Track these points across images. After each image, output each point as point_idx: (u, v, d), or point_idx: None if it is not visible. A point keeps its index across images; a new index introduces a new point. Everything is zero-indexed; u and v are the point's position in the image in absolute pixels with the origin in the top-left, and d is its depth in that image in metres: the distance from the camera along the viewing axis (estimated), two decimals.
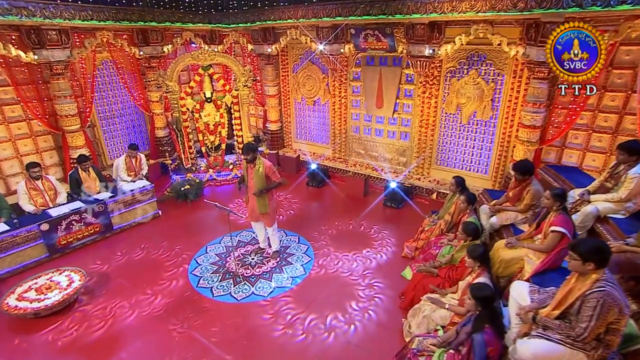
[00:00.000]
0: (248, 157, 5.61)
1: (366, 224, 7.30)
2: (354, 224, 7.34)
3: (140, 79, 9.39)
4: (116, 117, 9.33)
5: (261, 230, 6.35)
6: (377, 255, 6.38)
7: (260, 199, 5.81)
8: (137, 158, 7.88)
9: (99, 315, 5.17)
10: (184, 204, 8.27)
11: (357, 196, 8.42)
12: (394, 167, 8.90)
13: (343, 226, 7.28)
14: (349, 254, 6.41)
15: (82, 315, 5.17)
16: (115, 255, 6.55)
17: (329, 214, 7.77)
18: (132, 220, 7.39)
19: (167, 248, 6.72)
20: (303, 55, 9.60)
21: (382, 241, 6.78)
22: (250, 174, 5.76)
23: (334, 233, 7.07)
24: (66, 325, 5.00)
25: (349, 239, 6.86)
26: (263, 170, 5.65)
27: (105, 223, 7.01)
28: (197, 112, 8.99)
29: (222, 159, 9.33)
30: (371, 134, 9.11)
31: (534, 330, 3.29)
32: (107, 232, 7.05)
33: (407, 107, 8.39)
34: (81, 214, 6.65)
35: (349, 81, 9.03)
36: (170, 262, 6.32)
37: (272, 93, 10.12)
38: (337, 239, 6.86)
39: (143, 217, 7.54)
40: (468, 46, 7.22)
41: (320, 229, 7.21)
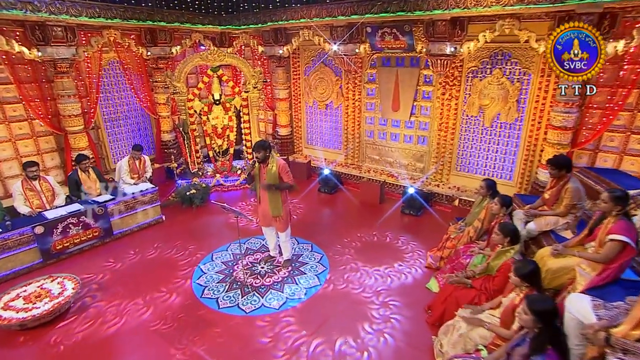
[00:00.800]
0: (259, 156, 5.03)
1: (385, 232, 6.69)
2: (376, 233, 6.72)
3: (147, 81, 8.95)
4: (121, 119, 8.85)
5: (272, 236, 5.77)
6: (397, 265, 5.77)
7: (273, 200, 5.25)
8: (141, 160, 7.35)
9: (86, 328, 4.56)
10: (189, 209, 7.71)
11: (372, 203, 7.84)
12: (410, 173, 8.32)
13: (362, 234, 6.67)
14: (370, 268, 5.80)
15: (66, 330, 4.57)
16: (115, 261, 5.97)
17: (343, 221, 7.18)
18: (133, 225, 6.83)
19: (170, 255, 6.14)
20: (315, 57, 9.14)
21: (407, 251, 6.17)
22: (262, 175, 5.20)
23: (352, 241, 6.47)
24: (53, 339, 4.40)
25: (370, 247, 6.27)
26: (277, 169, 5.09)
27: (105, 227, 6.43)
28: (205, 115, 8.51)
29: (229, 164, 8.81)
30: (386, 139, 8.57)
31: (610, 355, 2.64)
32: (106, 237, 6.48)
33: (425, 109, 7.86)
34: (79, 217, 6.09)
35: (363, 83, 8.53)
36: (174, 270, 5.73)
37: (283, 96, 9.66)
38: (354, 247, 6.26)
39: (145, 221, 6.98)
40: (491, 44, 6.69)
41: (336, 236, 6.62)
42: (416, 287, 5.28)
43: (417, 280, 5.43)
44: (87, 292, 5.23)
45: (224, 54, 8.30)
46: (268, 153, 5.09)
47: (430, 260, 5.77)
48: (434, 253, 5.81)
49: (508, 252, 4.23)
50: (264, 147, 5.04)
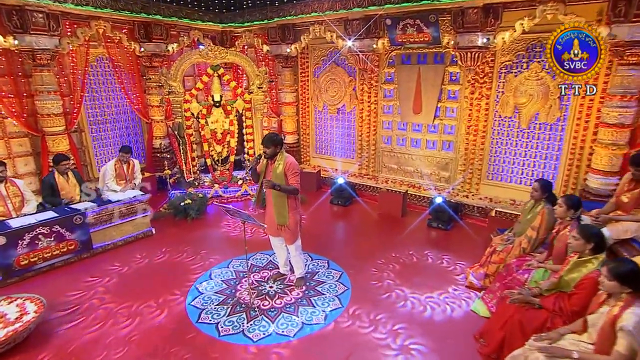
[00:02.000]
0: (268, 151, 4.39)
1: (411, 248, 5.89)
2: (400, 245, 5.94)
3: (139, 80, 8.29)
4: (108, 123, 8.12)
5: (282, 249, 4.98)
6: (432, 282, 4.95)
7: (278, 205, 4.53)
8: (129, 164, 6.58)
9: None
10: (183, 222, 6.87)
11: (393, 216, 7.08)
12: (434, 184, 7.59)
13: (386, 247, 5.88)
14: (403, 286, 4.98)
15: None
16: (94, 281, 5.10)
17: (362, 236, 6.40)
18: (118, 238, 6.00)
19: (160, 272, 5.28)
20: (326, 56, 8.56)
21: (439, 265, 5.36)
22: (268, 174, 4.51)
23: (375, 257, 5.67)
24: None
25: (400, 264, 5.47)
26: (283, 169, 4.42)
27: (83, 240, 5.58)
28: (203, 118, 7.81)
29: (229, 174, 8.07)
30: (406, 145, 7.89)
31: None
32: (84, 251, 5.62)
33: (450, 111, 7.22)
34: (52, 227, 5.23)
35: (380, 84, 7.91)
36: (165, 290, 4.86)
37: (290, 100, 9.03)
38: (381, 264, 5.46)
39: (132, 234, 6.15)
40: (528, 35, 6.08)
41: (356, 252, 5.81)
42: (457, 311, 4.45)
43: (458, 303, 4.60)
44: (57, 317, 4.34)
45: (226, 51, 7.68)
46: (278, 149, 4.45)
47: (471, 279, 4.94)
48: (475, 270, 4.99)
49: (589, 263, 3.42)
50: (274, 142, 4.39)
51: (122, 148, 6.48)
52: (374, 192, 7.99)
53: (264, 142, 4.41)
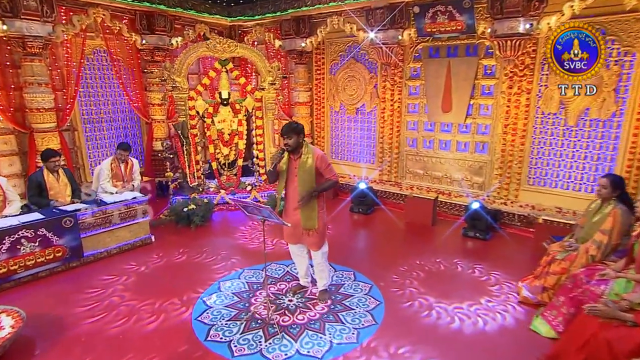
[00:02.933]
0: (290, 142, 3.93)
1: (451, 259, 5.37)
2: (441, 260, 5.40)
3: (139, 76, 7.92)
4: (104, 121, 7.71)
5: (303, 258, 4.49)
6: (479, 301, 4.41)
7: (307, 207, 4.04)
8: (127, 163, 6.11)
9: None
10: (186, 229, 6.37)
11: (422, 225, 6.58)
12: (465, 190, 7.10)
13: (422, 261, 5.35)
14: (444, 303, 4.45)
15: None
16: (84, 293, 4.56)
17: (389, 246, 5.90)
18: (112, 245, 5.50)
19: (161, 283, 4.76)
20: (344, 51, 8.21)
21: (478, 278, 4.81)
22: (293, 171, 4.06)
23: (410, 269, 5.13)
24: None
25: (436, 278, 4.95)
26: (313, 162, 3.97)
27: (73, 246, 5.06)
28: (210, 117, 7.39)
29: (237, 180, 7.60)
30: (434, 147, 7.45)
31: None
32: (73, 259, 5.10)
33: (485, 108, 6.79)
34: (37, 229, 4.71)
35: (404, 80, 7.52)
36: (168, 302, 4.33)
37: (303, 100, 8.65)
38: (416, 277, 4.93)
39: (129, 241, 5.65)
40: (577, 20, 5.66)
41: (384, 263, 5.29)
42: (510, 329, 3.90)
43: (510, 320, 4.05)
44: (38, 333, 3.79)
45: (235, 44, 7.33)
46: (301, 139, 4.01)
47: (525, 293, 4.38)
48: (529, 283, 4.43)
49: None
50: (296, 131, 3.96)
51: (120, 145, 6.02)
52: (398, 200, 7.56)
53: (284, 131, 3.97)
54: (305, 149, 4.02)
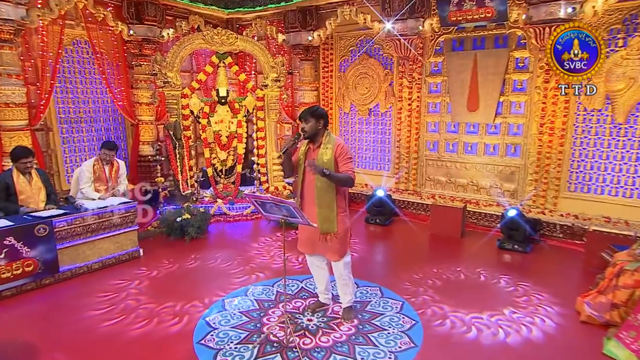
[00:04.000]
0: (307, 128, 3.71)
1: (487, 273, 5.03)
2: (466, 271, 5.06)
3: (125, 71, 7.60)
4: (84, 122, 7.33)
5: (323, 270, 4.15)
6: (528, 318, 4.07)
7: (324, 206, 3.77)
8: (113, 164, 5.73)
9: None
10: (179, 242, 5.99)
11: (450, 236, 6.29)
12: (495, 199, 6.83)
13: (448, 274, 5.00)
14: (481, 316, 4.07)
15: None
16: (59, 318, 4.11)
17: (416, 259, 5.56)
18: (94, 260, 5.09)
19: (151, 304, 4.31)
20: (356, 46, 8.05)
21: (526, 297, 4.46)
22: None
23: (438, 284, 4.78)
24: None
25: (467, 292, 4.61)
26: (332, 154, 3.71)
27: (47, 259, 4.61)
28: (205, 117, 7.14)
29: (235, 188, 7.30)
30: (458, 152, 7.22)
31: None
32: (46, 274, 4.66)
33: (517, 106, 6.59)
34: (3, 239, 4.27)
35: (424, 77, 7.34)
36: (163, 324, 3.90)
37: (309, 100, 8.46)
38: (446, 292, 4.58)
39: (113, 255, 5.26)
40: (627, 3, 5.53)
41: (413, 278, 4.92)
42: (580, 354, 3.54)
43: (582, 343, 3.69)
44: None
45: (235, 36, 7.14)
46: (321, 126, 3.76)
47: (589, 311, 4.01)
48: (592, 299, 4.07)
49: None
50: (315, 114, 3.73)
51: (105, 144, 5.64)
52: (419, 210, 7.33)
53: (302, 114, 3.76)
54: (326, 139, 3.76)
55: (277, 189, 7.42)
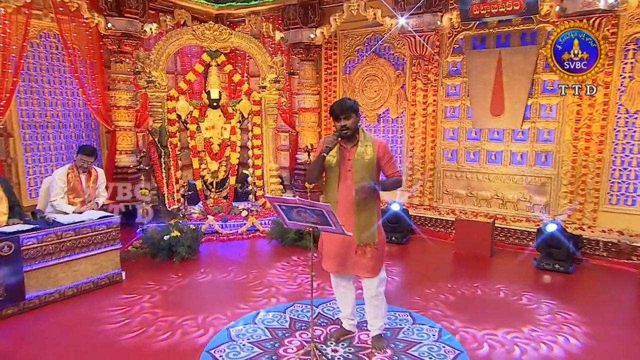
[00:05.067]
0: (348, 124, 3.52)
1: (529, 296, 4.83)
2: (503, 294, 4.84)
3: (101, 70, 7.38)
4: (51, 127, 7.04)
5: (349, 291, 3.90)
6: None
7: (364, 214, 3.56)
8: (91, 173, 5.41)
9: None
10: (167, 264, 5.67)
11: (477, 256, 6.11)
12: (523, 214, 6.73)
13: (484, 298, 4.82)
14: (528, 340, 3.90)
15: None
16: None
17: (446, 281, 5.33)
18: (68, 285, 4.72)
19: (139, 334, 3.97)
20: (363, 45, 8.03)
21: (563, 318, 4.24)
22: (345, 165, 3.61)
23: (475, 308, 4.58)
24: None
25: (509, 315, 4.44)
26: (374, 153, 3.57)
27: (11, 284, 4.23)
28: (195, 122, 6.96)
29: (228, 203, 7.07)
30: (480, 161, 7.14)
31: None
32: (9, 302, 4.29)
33: (547, 109, 6.55)
34: None
35: (440, 78, 7.30)
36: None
37: (310, 105, 8.44)
38: (486, 318, 4.36)
39: (91, 278, 4.90)
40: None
41: (444, 301, 4.71)
42: None
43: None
44: None
45: (229, 31, 7.03)
46: (359, 121, 3.66)
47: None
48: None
49: None
50: (354, 109, 3.57)
51: (83, 149, 5.32)
52: (437, 227, 7.28)
53: (338, 110, 3.54)
54: (362, 136, 3.62)
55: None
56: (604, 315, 4.41)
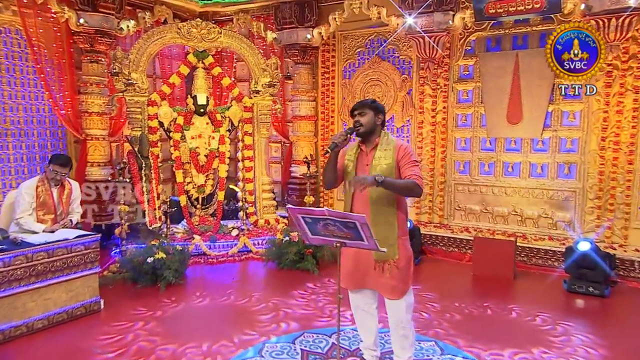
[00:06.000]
0: (363, 120, 3.47)
1: (567, 325, 4.71)
2: (537, 321, 4.71)
3: (71, 72, 7.18)
4: (10, 136, 6.82)
5: (371, 316, 3.74)
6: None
7: (381, 224, 3.40)
8: (64, 186, 5.10)
9: None
10: (150, 290, 5.42)
11: (498, 278, 6.03)
12: (545, 231, 6.71)
13: (518, 324, 4.67)
14: None
15: None
16: None
17: (466, 307, 5.20)
18: (37, 316, 4.42)
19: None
20: (364, 47, 8.07)
21: None
22: (363, 170, 3.50)
23: (508, 337, 4.41)
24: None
25: (543, 343, 4.29)
26: (394, 158, 3.43)
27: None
28: (179, 131, 6.85)
29: (217, 221, 6.92)
30: (495, 174, 7.15)
31: None
32: None
33: (570, 117, 6.60)
34: None
35: (451, 83, 7.33)
36: None
37: (306, 113, 8.44)
38: (523, 346, 4.19)
39: (63, 309, 4.61)
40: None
41: (473, 329, 4.57)
42: None
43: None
44: None
45: (218, 30, 7.02)
46: (379, 122, 3.54)
47: None
48: None
49: None
50: (372, 106, 3.52)
51: (56, 158, 5.01)
52: (449, 246, 7.22)
53: (356, 106, 3.53)
54: (383, 139, 3.48)
55: (268, 223, 7.15)
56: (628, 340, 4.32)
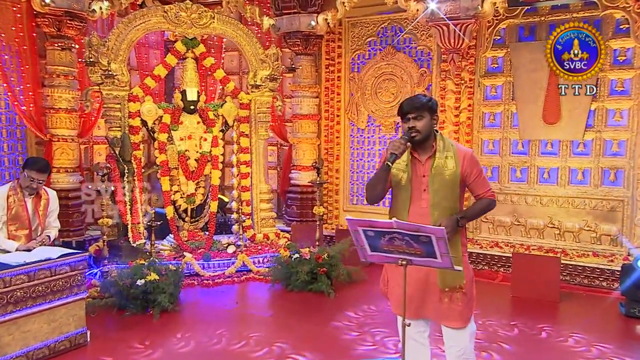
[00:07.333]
0: (419, 126, 3.29)
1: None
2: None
3: (34, 61, 7.08)
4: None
5: (424, 348, 3.63)
6: None
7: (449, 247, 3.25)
8: (40, 197, 4.92)
9: None
10: (141, 318, 5.26)
11: (541, 301, 6.00)
12: (588, 246, 6.77)
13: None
14: None
15: None
16: None
17: (516, 332, 5.16)
18: (14, 352, 4.14)
19: None
20: (376, 36, 8.21)
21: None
22: (418, 181, 3.38)
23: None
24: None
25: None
26: (457, 169, 3.34)
27: None
28: (165, 131, 6.76)
29: (210, 236, 6.81)
30: (528, 181, 7.30)
31: None
32: None
33: (616, 116, 6.74)
34: None
35: (477, 77, 7.42)
36: None
37: (308, 111, 8.46)
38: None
39: (44, 343, 4.37)
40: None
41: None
42: None
43: None
44: None
45: (210, 14, 6.96)
46: (435, 124, 3.43)
47: None
48: None
49: None
50: (427, 107, 3.37)
51: (32, 162, 4.85)
52: (479, 264, 7.26)
53: (407, 107, 3.33)
54: (440, 144, 3.35)
55: (267, 238, 7.08)
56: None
